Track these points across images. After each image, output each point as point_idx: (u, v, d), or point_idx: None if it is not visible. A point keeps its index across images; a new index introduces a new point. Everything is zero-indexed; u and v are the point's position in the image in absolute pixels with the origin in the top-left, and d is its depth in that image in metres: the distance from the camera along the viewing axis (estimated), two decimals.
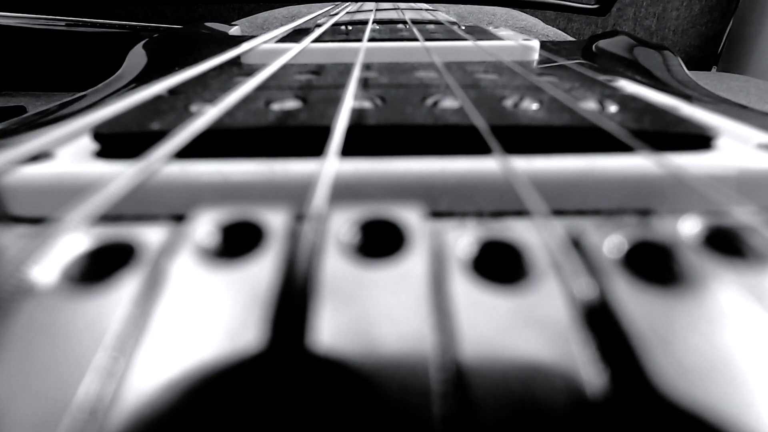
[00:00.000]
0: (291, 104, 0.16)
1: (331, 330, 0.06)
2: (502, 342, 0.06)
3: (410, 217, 0.08)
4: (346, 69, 0.21)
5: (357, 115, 0.14)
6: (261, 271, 0.07)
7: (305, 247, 0.08)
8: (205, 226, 0.08)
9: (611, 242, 0.08)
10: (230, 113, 0.14)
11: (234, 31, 0.52)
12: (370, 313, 0.07)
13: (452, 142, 0.13)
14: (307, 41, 0.29)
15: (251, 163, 0.13)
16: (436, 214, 0.11)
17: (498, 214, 0.12)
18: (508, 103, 0.16)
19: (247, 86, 0.16)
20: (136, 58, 0.37)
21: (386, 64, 0.23)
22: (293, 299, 0.07)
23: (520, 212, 0.10)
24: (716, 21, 1.12)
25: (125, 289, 0.07)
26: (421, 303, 0.07)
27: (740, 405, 0.06)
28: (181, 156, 0.12)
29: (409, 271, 0.07)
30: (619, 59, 0.35)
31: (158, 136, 0.12)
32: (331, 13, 0.51)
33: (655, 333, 0.06)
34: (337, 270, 0.07)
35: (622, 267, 0.08)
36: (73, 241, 0.08)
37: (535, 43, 0.30)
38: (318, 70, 0.22)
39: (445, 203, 0.13)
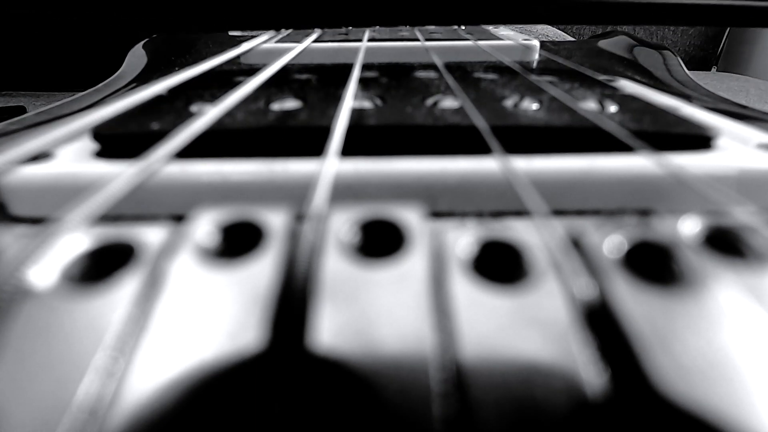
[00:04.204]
0: (291, 104, 0.16)
1: (331, 330, 0.06)
2: (502, 342, 0.06)
3: (410, 217, 0.08)
4: (346, 69, 0.21)
5: (357, 115, 0.14)
6: (261, 271, 0.07)
7: (305, 247, 0.08)
8: (205, 226, 0.08)
9: (611, 242, 0.08)
10: (230, 113, 0.14)
11: (234, 30, 0.52)
12: (370, 313, 0.07)
13: (452, 142, 0.13)
14: (307, 41, 0.29)
15: (251, 163, 0.13)
16: (436, 214, 0.11)
17: (498, 214, 0.12)
18: (508, 103, 0.16)
19: (247, 86, 0.16)
20: (136, 58, 0.37)
21: (386, 64, 0.23)
22: (293, 299, 0.07)
23: (520, 212, 0.10)
24: None
25: (125, 289, 0.07)
26: (421, 303, 0.07)
27: (740, 405, 0.06)
28: (181, 156, 0.12)
29: (409, 271, 0.07)
30: (619, 59, 0.35)
31: (158, 136, 0.12)
32: None
33: (655, 333, 0.06)
34: (337, 270, 0.07)
35: (622, 267, 0.08)
36: (73, 242, 0.08)
37: (535, 43, 0.30)
38: (318, 70, 0.22)
39: (445, 203, 0.13)
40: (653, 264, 0.08)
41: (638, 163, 0.12)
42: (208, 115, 0.13)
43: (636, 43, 0.38)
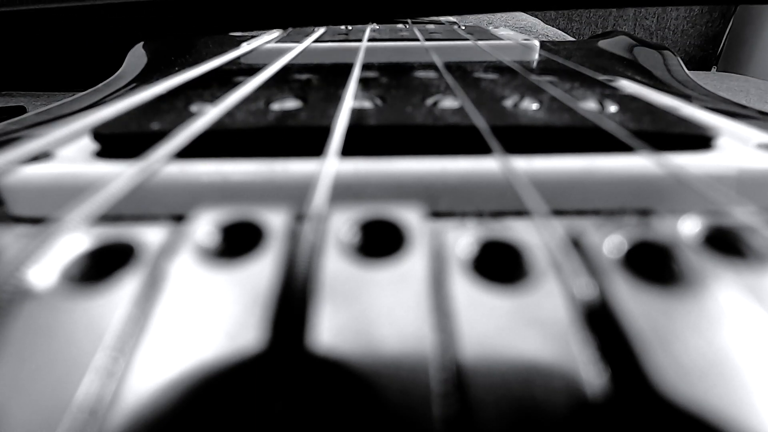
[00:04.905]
0: (291, 104, 0.16)
1: (331, 330, 0.06)
2: (502, 342, 0.06)
3: (410, 217, 0.08)
4: (346, 69, 0.21)
5: (357, 115, 0.14)
6: (261, 271, 0.07)
7: (305, 247, 0.08)
8: (205, 226, 0.08)
9: (611, 242, 0.08)
10: (230, 113, 0.14)
11: (233, 32, 0.52)
12: (370, 313, 0.07)
13: (452, 142, 0.13)
14: (307, 41, 0.29)
15: (251, 163, 0.13)
16: (436, 214, 0.11)
17: (498, 214, 0.12)
18: (508, 103, 0.16)
19: (247, 86, 0.16)
20: (136, 58, 0.37)
21: (386, 63, 0.23)
22: (293, 299, 0.07)
23: (520, 212, 0.10)
24: (716, 21, 1.12)
25: (125, 289, 0.07)
26: (421, 303, 0.07)
27: (740, 405, 0.06)
28: (181, 156, 0.12)
29: (409, 271, 0.07)
30: (619, 59, 0.35)
31: (158, 136, 0.12)
32: None
33: (655, 333, 0.06)
34: (337, 270, 0.07)
35: (622, 267, 0.08)
36: (73, 241, 0.08)
37: (535, 43, 0.30)
38: (318, 69, 0.22)
39: (445, 203, 0.13)
40: (653, 264, 0.08)
41: (638, 163, 0.12)
42: (208, 115, 0.13)
43: (636, 43, 0.38)
